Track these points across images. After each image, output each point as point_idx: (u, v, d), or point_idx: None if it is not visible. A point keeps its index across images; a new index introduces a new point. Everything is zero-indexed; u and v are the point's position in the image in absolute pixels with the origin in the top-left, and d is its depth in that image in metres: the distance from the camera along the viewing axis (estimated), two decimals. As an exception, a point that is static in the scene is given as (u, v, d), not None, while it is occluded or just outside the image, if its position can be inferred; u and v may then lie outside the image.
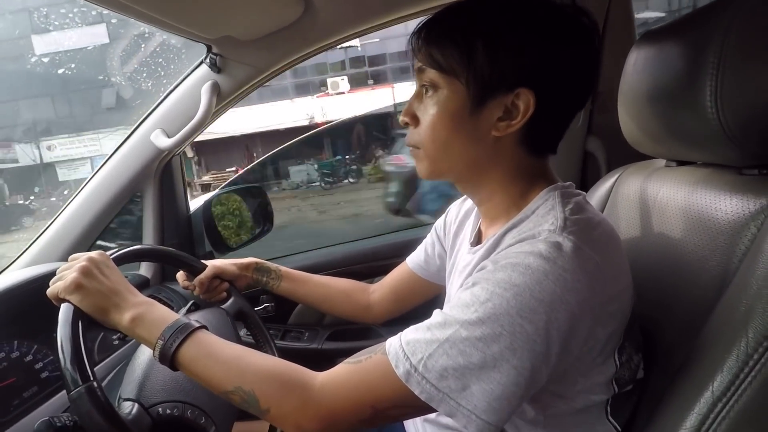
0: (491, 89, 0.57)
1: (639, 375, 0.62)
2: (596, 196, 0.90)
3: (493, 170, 0.63)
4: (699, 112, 0.56)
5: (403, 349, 0.52)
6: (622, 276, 0.57)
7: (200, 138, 1.26)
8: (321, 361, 1.27)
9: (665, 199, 0.70)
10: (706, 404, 0.48)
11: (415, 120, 0.64)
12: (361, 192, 10.19)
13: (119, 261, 0.75)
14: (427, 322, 0.54)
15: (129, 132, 1.15)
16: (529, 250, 0.51)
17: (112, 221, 1.16)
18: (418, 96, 0.64)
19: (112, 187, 1.13)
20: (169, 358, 0.61)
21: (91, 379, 0.59)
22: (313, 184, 11.66)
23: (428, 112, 0.62)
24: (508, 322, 0.48)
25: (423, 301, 0.97)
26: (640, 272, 0.68)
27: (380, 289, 1.00)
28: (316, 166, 11.89)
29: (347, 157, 11.54)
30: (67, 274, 0.66)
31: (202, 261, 0.95)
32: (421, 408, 0.52)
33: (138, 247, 0.82)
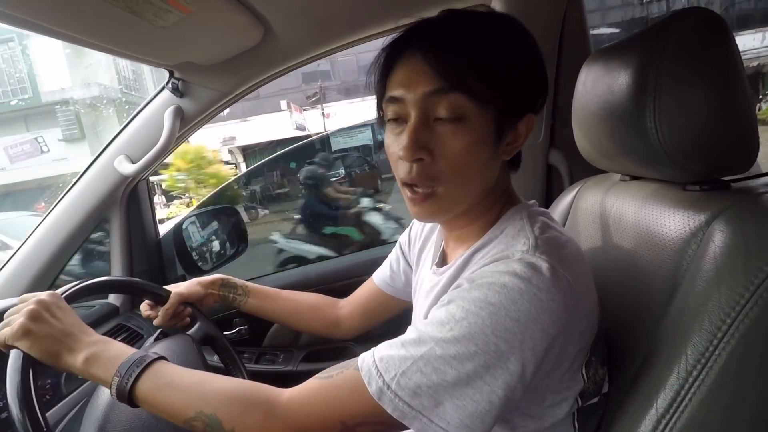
0: (516, 115, 0.59)
1: (604, 388, 0.62)
2: (558, 209, 0.91)
3: (487, 196, 0.63)
4: (642, 131, 0.58)
5: (377, 365, 0.52)
6: (590, 293, 0.58)
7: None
8: (296, 383, 1.26)
9: (619, 213, 0.72)
10: (651, 422, 0.49)
11: (430, 153, 0.57)
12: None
13: (73, 298, 0.72)
14: (401, 338, 0.53)
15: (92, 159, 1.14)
16: (504, 269, 0.51)
17: (76, 252, 1.14)
18: (425, 124, 0.57)
19: (76, 216, 1.11)
20: (126, 394, 0.58)
21: (44, 429, 0.56)
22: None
23: (454, 144, 0.56)
24: (483, 341, 0.48)
25: (392, 315, 0.97)
26: (598, 285, 0.69)
27: (349, 305, 0.99)
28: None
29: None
30: (14, 318, 0.63)
31: (164, 287, 0.92)
32: (392, 425, 0.51)
33: (92, 281, 0.78)
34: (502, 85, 0.56)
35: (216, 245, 1.51)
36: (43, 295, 0.66)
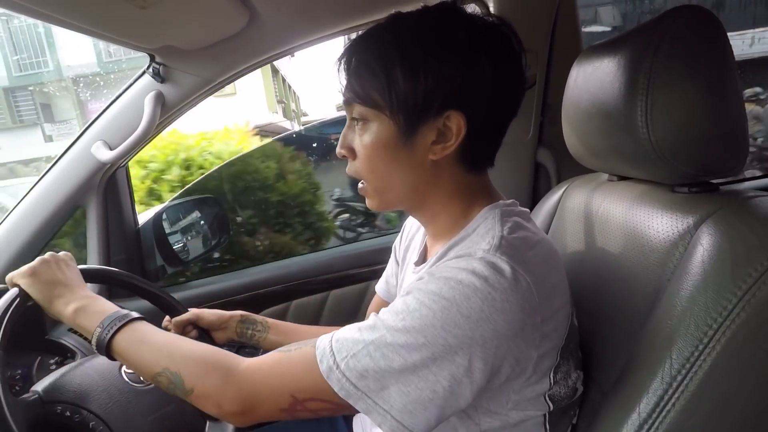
0: (418, 117, 0.57)
1: (578, 391, 0.62)
2: (545, 208, 0.90)
3: (434, 192, 0.63)
4: (632, 131, 0.57)
5: (331, 345, 0.54)
6: (558, 296, 0.57)
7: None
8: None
9: (606, 213, 0.71)
10: (632, 426, 0.48)
11: (352, 152, 0.64)
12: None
13: (87, 275, 0.76)
14: (360, 323, 0.55)
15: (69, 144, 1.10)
16: (464, 266, 0.52)
17: (51, 239, 1.10)
18: (351, 127, 0.64)
19: (51, 203, 1.07)
20: (104, 345, 0.63)
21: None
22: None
23: (362, 145, 0.61)
24: (432, 334, 0.49)
25: None
26: (581, 285, 0.68)
27: None
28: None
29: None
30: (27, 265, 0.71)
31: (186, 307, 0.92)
32: (340, 404, 0.53)
33: (116, 271, 0.81)
34: (391, 90, 0.57)
35: (197, 235, 1.48)
36: (60, 253, 0.75)
